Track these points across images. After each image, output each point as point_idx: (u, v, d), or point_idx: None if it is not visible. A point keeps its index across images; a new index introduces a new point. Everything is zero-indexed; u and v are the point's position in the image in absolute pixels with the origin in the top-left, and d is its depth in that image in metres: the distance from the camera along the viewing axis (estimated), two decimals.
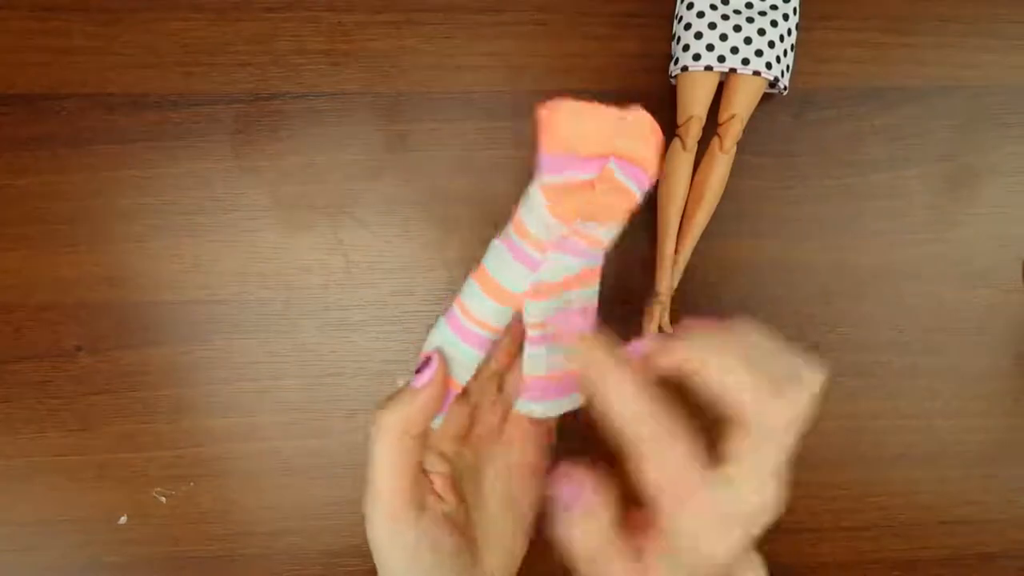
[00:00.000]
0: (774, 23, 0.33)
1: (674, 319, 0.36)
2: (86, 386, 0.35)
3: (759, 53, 0.33)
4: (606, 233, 0.28)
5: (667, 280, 0.34)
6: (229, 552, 0.36)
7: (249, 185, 0.35)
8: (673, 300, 0.35)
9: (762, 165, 0.36)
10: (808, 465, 0.37)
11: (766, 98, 0.35)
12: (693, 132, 0.34)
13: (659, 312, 0.35)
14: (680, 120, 0.34)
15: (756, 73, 0.33)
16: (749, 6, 0.34)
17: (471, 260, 0.36)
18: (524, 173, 0.36)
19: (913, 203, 0.37)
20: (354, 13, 0.35)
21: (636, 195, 0.27)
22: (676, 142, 0.34)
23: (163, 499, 0.36)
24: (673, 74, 0.34)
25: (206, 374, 0.36)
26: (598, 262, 0.29)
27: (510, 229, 0.28)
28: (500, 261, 0.27)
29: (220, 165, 0.35)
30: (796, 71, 0.35)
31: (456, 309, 0.28)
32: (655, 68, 0.36)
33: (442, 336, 0.28)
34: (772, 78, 0.33)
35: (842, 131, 0.36)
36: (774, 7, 0.34)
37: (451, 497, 0.27)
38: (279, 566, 0.36)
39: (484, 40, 0.35)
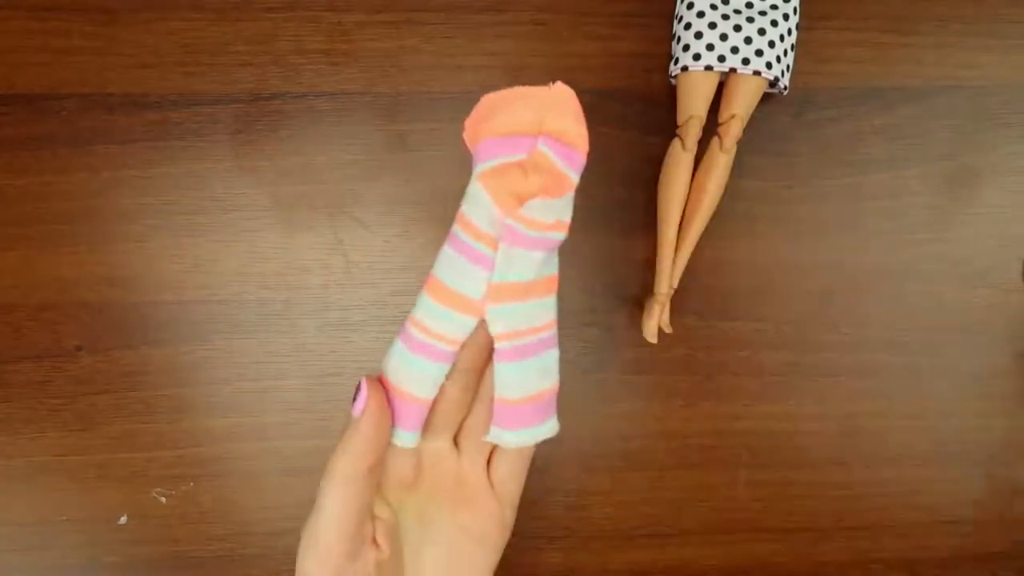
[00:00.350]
0: (774, 23, 0.33)
1: (674, 319, 0.36)
2: (86, 386, 0.35)
3: (759, 53, 0.33)
4: (551, 213, 0.26)
5: (667, 280, 0.34)
6: (229, 552, 0.36)
7: (249, 185, 0.35)
8: (673, 300, 0.35)
9: (762, 165, 0.36)
10: (808, 465, 0.37)
11: (766, 98, 0.35)
12: (693, 132, 0.34)
13: (659, 312, 0.35)
14: (680, 120, 0.34)
15: (756, 73, 0.33)
16: (749, 6, 0.34)
17: None
18: None
19: (913, 203, 0.37)
20: (354, 13, 0.35)
21: (569, 175, 0.25)
22: (676, 142, 0.34)
23: (163, 499, 0.36)
24: (673, 74, 0.34)
25: (206, 374, 0.36)
26: (554, 267, 0.27)
27: (455, 229, 0.26)
28: (451, 265, 0.26)
29: (220, 165, 0.35)
30: (796, 71, 0.35)
31: (411, 328, 0.26)
32: (655, 68, 0.36)
33: (399, 358, 0.26)
34: (772, 78, 0.33)
35: (842, 131, 0.36)
36: (774, 7, 0.34)
37: (387, 548, 0.26)
38: (279, 566, 0.37)
39: (484, 40, 0.35)
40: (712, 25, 0.33)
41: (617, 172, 0.36)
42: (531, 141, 0.25)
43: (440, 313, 0.25)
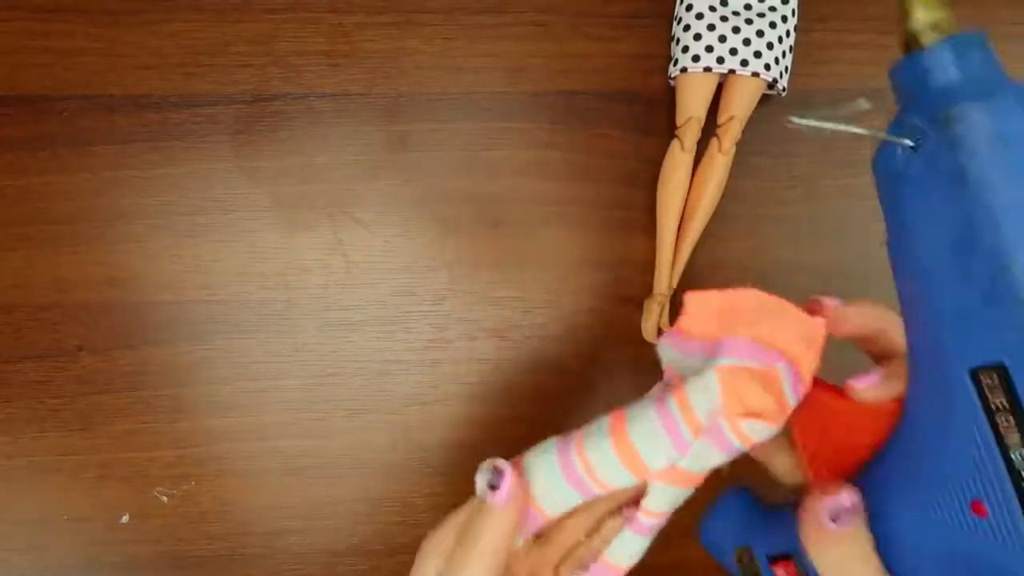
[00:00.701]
0: (772, 24, 0.33)
1: (674, 319, 0.36)
2: (87, 386, 0.35)
3: (758, 55, 0.33)
4: (756, 433, 0.26)
5: (666, 280, 0.35)
6: (230, 551, 0.36)
7: (249, 185, 0.35)
8: (673, 300, 0.35)
9: (762, 165, 0.36)
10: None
11: (765, 99, 0.35)
12: (692, 133, 0.34)
13: (659, 312, 0.35)
14: (679, 121, 0.34)
15: (755, 74, 0.33)
16: (748, 8, 0.34)
17: (471, 260, 0.36)
18: (524, 173, 0.36)
19: None
20: (354, 14, 0.35)
21: (789, 405, 0.25)
22: (676, 143, 0.34)
23: (164, 499, 0.36)
24: (672, 75, 0.35)
25: (206, 374, 0.36)
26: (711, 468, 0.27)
27: (671, 401, 0.26)
28: (648, 429, 0.26)
29: (220, 165, 0.35)
30: (795, 72, 0.36)
31: (576, 460, 0.26)
32: (654, 69, 0.36)
33: (552, 480, 0.26)
34: (771, 79, 0.33)
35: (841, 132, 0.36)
36: (773, 9, 0.34)
37: None
38: (280, 565, 0.37)
39: (484, 41, 0.35)
40: (711, 27, 0.33)
41: (617, 172, 0.36)
42: (776, 358, 0.25)
43: (616, 468, 0.26)
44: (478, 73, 0.35)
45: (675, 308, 0.36)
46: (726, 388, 0.25)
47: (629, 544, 0.26)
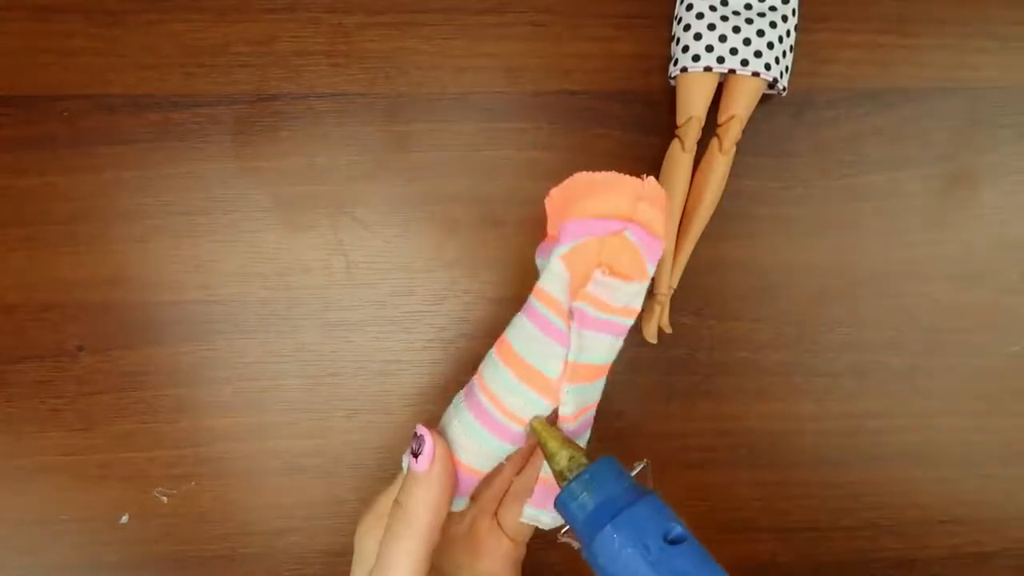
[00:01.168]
0: (773, 24, 0.33)
1: (674, 319, 0.36)
2: (87, 386, 0.35)
3: (758, 54, 0.33)
4: (620, 297, 0.26)
5: (667, 280, 0.35)
6: (230, 551, 0.36)
7: (249, 185, 0.35)
8: (673, 300, 0.35)
9: (762, 165, 0.36)
10: (807, 465, 0.37)
11: (765, 99, 0.35)
12: (692, 133, 0.34)
13: (659, 312, 0.35)
14: (679, 121, 0.34)
15: (755, 74, 0.33)
16: (748, 7, 0.34)
17: (471, 260, 0.36)
18: (524, 173, 0.36)
19: (911, 204, 0.37)
20: (354, 14, 0.35)
21: (646, 263, 0.26)
22: (676, 143, 0.34)
23: (164, 498, 0.36)
24: (672, 75, 0.35)
25: (207, 374, 0.36)
26: (616, 354, 0.27)
27: (535, 303, 0.26)
28: (527, 335, 0.26)
29: (221, 166, 0.35)
30: (795, 72, 0.36)
31: (486, 402, 0.26)
32: (654, 69, 0.36)
33: (470, 432, 0.26)
34: (771, 79, 0.33)
35: (841, 132, 0.36)
36: (773, 8, 0.34)
37: None
38: (280, 565, 0.37)
39: (484, 41, 0.35)
40: (711, 27, 0.33)
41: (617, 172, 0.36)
42: (619, 226, 0.26)
43: (519, 390, 0.25)
44: (478, 73, 0.36)
45: (675, 308, 0.36)
46: (572, 268, 0.25)
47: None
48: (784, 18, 0.34)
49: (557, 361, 0.25)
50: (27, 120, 0.35)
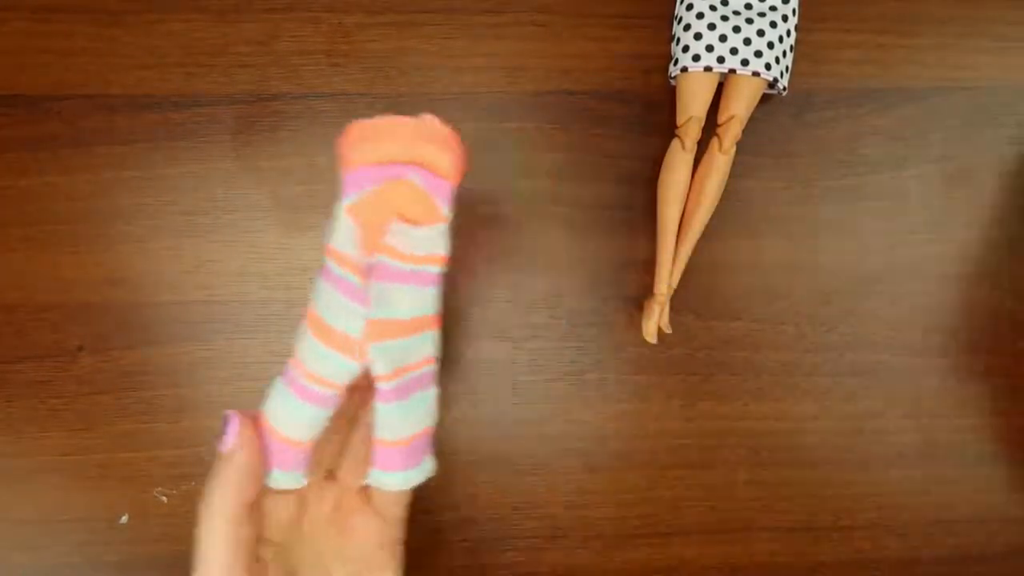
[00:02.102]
0: (773, 24, 0.33)
1: (674, 319, 0.36)
2: (87, 386, 0.35)
3: (758, 54, 0.33)
4: (421, 245, 0.25)
5: (666, 280, 0.35)
6: None
7: (250, 185, 0.35)
8: (673, 300, 0.35)
9: (762, 165, 0.36)
10: (807, 465, 0.37)
11: (765, 99, 0.35)
12: (692, 133, 0.34)
13: (658, 312, 0.35)
14: (680, 121, 0.34)
15: (755, 74, 0.33)
16: (748, 7, 0.34)
17: (471, 260, 0.36)
18: (524, 173, 0.36)
19: (912, 203, 0.37)
20: (354, 14, 0.35)
21: (439, 206, 0.25)
22: (676, 142, 0.34)
23: (164, 498, 0.36)
24: (672, 75, 0.35)
25: (207, 374, 0.36)
26: (434, 305, 0.26)
27: (328, 262, 0.25)
28: (325, 298, 0.25)
29: (221, 166, 0.35)
30: (795, 72, 0.36)
31: (294, 370, 0.25)
32: (654, 69, 0.36)
33: (282, 401, 0.25)
34: (771, 79, 0.33)
35: (841, 132, 0.36)
36: (773, 8, 0.34)
37: None
38: None
39: (484, 41, 0.35)
40: (711, 26, 0.33)
41: (617, 172, 0.36)
42: (400, 171, 0.25)
43: (323, 354, 0.25)
44: (478, 73, 0.35)
45: (675, 308, 0.36)
46: (361, 220, 0.24)
47: (385, 415, 0.25)
48: (784, 18, 0.34)
49: (358, 320, 0.24)
50: (27, 120, 0.35)
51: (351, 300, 0.24)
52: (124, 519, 0.36)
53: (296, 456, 0.25)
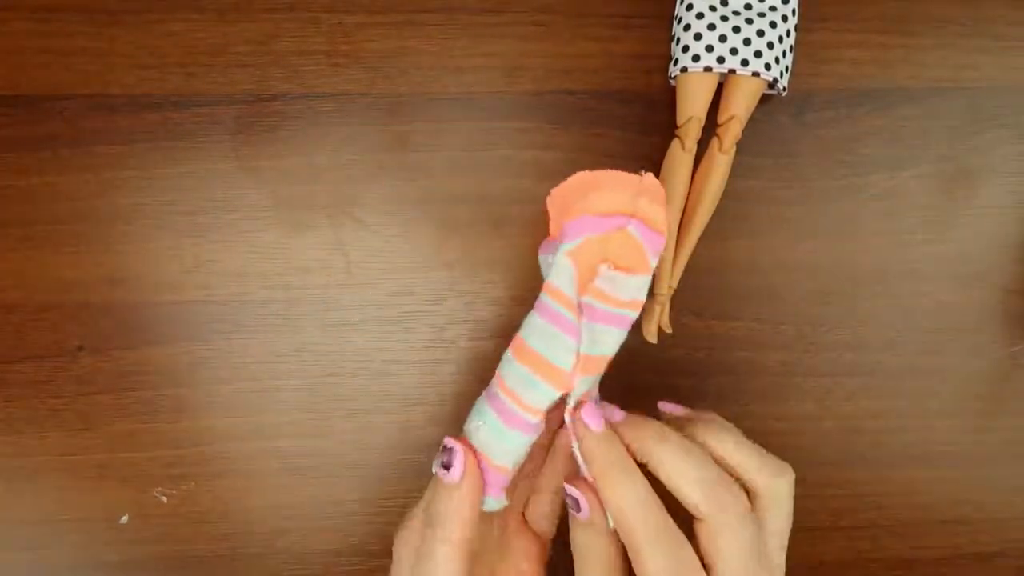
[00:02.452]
0: (773, 24, 0.33)
1: (674, 319, 0.36)
2: (87, 386, 0.35)
3: (758, 54, 0.33)
4: (626, 291, 0.27)
5: (666, 280, 0.35)
6: (230, 551, 0.36)
7: (250, 185, 0.35)
8: (673, 300, 0.35)
9: (762, 165, 0.36)
10: (806, 464, 0.37)
11: (765, 99, 0.35)
12: (692, 133, 0.34)
13: (658, 312, 0.35)
14: (679, 121, 0.34)
15: (755, 74, 0.33)
16: (748, 7, 0.34)
17: (471, 260, 0.36)
18: (524, 173, 0.36)
19: (912, 204, 0.37)
20: (354, 14, 0.35)
21: (649, 258, 0.27)
22: (676, 143, 0.34)
23: (164, 498, 0.36)
24: (672, 75, 0.35)
25: (207, 374, 0.36)
26: (618, 346, 0.28)
27: (544, 298, 0.27)
28: (538, 330, 0.27)
29: (221, 166, 0.35)
30: (795, 72, 0.36)
31: (504, 397, 0.27)
32: (654, 69, 0.36)
33: (494, 431, 0.27)
34: (771, 79, 0.33)
35: (841, 132, 0.36)
36: (773, 8, 0.34)
37: None
38: (280, 565, 0.37)
39: (484, 41, 0.35)
40: (711, 26, 0.33)
41: None
42: (621, 222, 0.27)
43: (532, 382, 0.26)
44: (478, 72, 0.35)
45: (675, 308, 0.36)
46: (577, 264, 0.26)
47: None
48: (784, 18, 0.34)
49: (569, 354, 0.26)
50: (27, 120, 0.35)
51: (565, 335, 0.26)
52: (124, 519, 0.36)
53: (502, 481, 0.27)
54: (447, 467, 0.26)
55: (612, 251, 0.27)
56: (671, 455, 0.25)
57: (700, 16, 0.33)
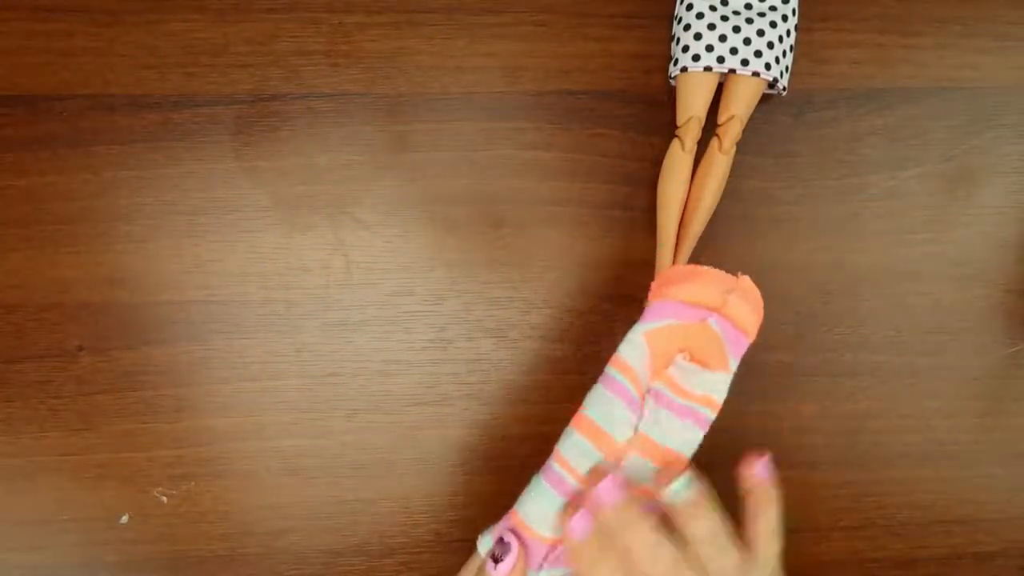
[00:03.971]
0: (773, 24, 0.33)
1: None
2: (87, 386, 0.35)
3: (758, 54, 0.33)
4: (700, 385, 0.27)
5: None
6: (230, 551, 0.36)
7: (250, 186, 0.35)
8: None
9: (762, 165, 0.36)
10: (807, 464, 0.37)
11: (766, 98, 0.35)
12: (692, 133, 0.34)
13: None
14: (680, 121, 0.34)
15: (755, 74, 0.33)
16: (748, 7, 0.34)
17: (471, 260, 0.36)
18: (524, 173, 0.36)
19: (912, 203, 0.37)
20: (354, 14, 0.35)
21: (729, 356, 0.27)
22: (676, 143, 0.34)
23: (164, 498, 0.36)
24: (673, 75, 0.35)
25: (207, 374, 0.36)
26: (691, 450, 0.28)
27: (611, 371, 0.27)
28: (599, 399, 0.27)
29: (221, 166, 0.35)
30: (796, 71, 0.36)
31: (555, 463, 0.27)
32: (655, 68, 0.36)
33: (545, 500, 0.27)
34: (771, 79, 0.33)
35: (841, 131, 0.36)
36: (773, 8, 0.34)
37: None
38: (279, 565, 0.37)
39: (484, 41, 0.35)
40: (711, 26, 0.33)
41: (617, 172, 0.36)
42: (705, 314, 0.27)
43: (582, 447, 0.27)
44: (478, 73, 0.35)
45: None
46: (653, 346, 0.27)
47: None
48: (784, 18, 0.34)
49: (627, 427, 0.26)
50: (27, 120, 0.35)
51: (625, 405, 0.27)
52: (124, 519, 0.36)
53: (542, 553, 0.27)
54: (496, 560, 0.26)
55: (692, 342, 0.27)
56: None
57: (700, 16, 0.33)
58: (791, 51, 0.35)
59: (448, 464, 0.36)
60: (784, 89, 0.35)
